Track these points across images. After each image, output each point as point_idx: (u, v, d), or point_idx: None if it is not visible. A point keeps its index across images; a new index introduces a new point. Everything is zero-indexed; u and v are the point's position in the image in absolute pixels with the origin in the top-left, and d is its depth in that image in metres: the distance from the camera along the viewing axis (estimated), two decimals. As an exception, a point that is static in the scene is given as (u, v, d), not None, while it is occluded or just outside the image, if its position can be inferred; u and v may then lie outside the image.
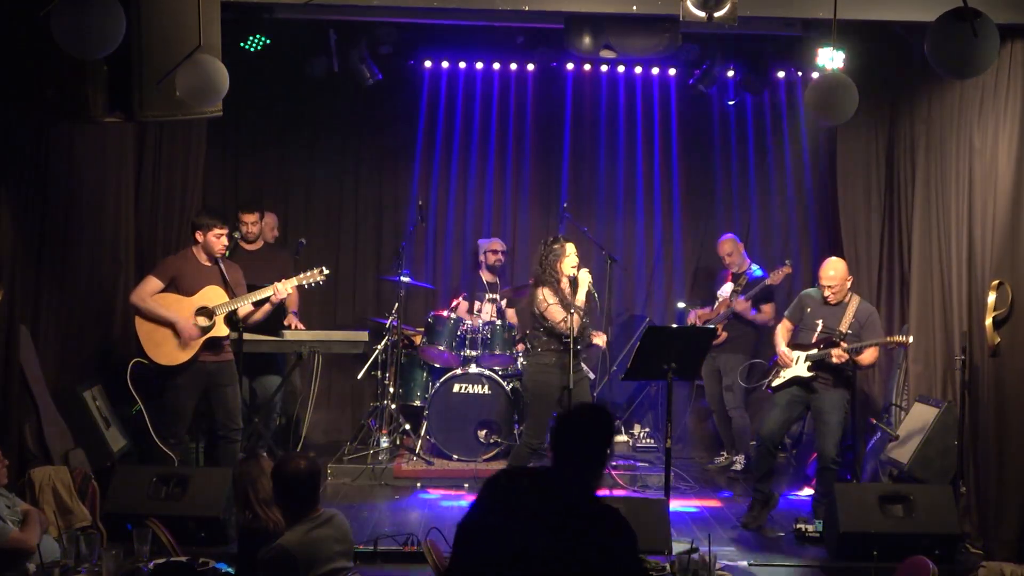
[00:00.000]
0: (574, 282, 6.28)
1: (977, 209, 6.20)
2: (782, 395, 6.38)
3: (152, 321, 6.10)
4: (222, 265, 6.30)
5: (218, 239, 6.22)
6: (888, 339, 6.24)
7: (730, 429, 7.97)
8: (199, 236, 6.22)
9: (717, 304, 7.91)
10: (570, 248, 6.31)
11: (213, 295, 6.19)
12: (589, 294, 6.28)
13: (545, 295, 6.25)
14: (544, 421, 6.34)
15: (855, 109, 4.83)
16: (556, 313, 6.19)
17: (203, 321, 6.15)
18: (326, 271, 6.49)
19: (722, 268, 8.17)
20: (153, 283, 6.16)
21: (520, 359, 7.61)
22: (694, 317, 8.02)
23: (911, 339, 6.36)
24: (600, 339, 6.51)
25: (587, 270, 6.31)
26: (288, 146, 8.69)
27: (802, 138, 8.67)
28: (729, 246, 7.97)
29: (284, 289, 6.29)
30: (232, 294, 6.25)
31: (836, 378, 6.26)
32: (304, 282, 6.43)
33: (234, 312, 6.23)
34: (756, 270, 7.83)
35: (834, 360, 6.13)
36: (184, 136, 7.19)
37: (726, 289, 7.88)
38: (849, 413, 6.44)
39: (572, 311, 6.13)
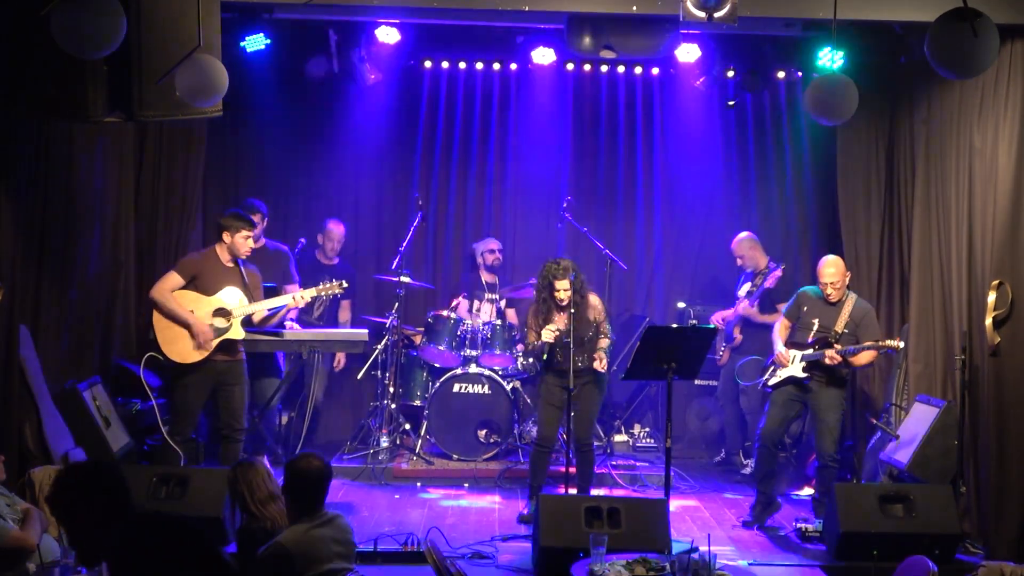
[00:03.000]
0: (563, 306, 6.34)
1: (977, 209, 6.20)
2: (779, 394, 6.38)
3: (169, 318, 6.12)
4: (243, 267, 6.33)
5: (245, 240, 6.27)
6: (880, 343, 6.20)
7: (739, 431, 7.92)
8: (226, 237, 6.25)
9: (737, 304, 7.86)
10: (560, 284, 6.32)
11: (232, 297, 6.22)
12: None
13: (528, 316, 6.55)
14: (541, 418, 6.55)
15: (855, 109, 4.83)
16: (528, 335, 6.52)
17: (220, 322, 6.17)
18: (345, 284, 6.53)
19: (738, 267, 8.10)
20: (174, 279, 6.18)
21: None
22: (717, 318, 7.94)
23: (901, 344, 6.36)
24: (600, 364, 6.47)
25: (550, 328, 6.30)
26: (288, 146, 8.68)
27: (802, 138, 8.67)
28: (741, 247, 7.86)
29: (302, 299, 6.35)
30: (250, 296, 6.27)
31: (831, 376, 6.26)
32: (322, 293, 6.48)
33: (250, 315, 6.27)
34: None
35: (827, 362, 6.13)
36: (184, 136, 7.19)
37: (744, 289, 7.83)
38: (847, 411, 6.43)
39: (528, 340, 6.45)
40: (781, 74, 8.23)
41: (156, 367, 6.33)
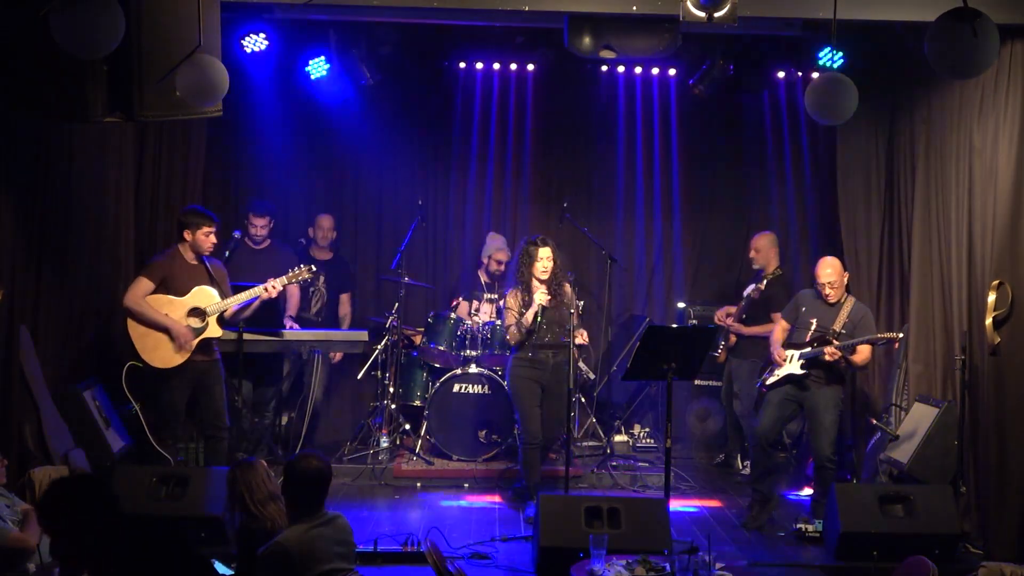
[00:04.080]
0: (543, 280, 6.28)
1: (977, 209, 6.20)
2: (775, 393, 6.38)
3: (146, 325, 6.09)
4: (208, 264, 6.29)
5: (207, 237, 6.20)
6: (879, 335, 6.21)
7: (738, 433, 7.91)
8: (187, 235, 6.20)
9: (727, 318, 7.84)
10: (542, 252, 6.29)
11: (203, 295, 6.18)
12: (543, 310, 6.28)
13: (508, 298, 6.43)
14: (527, 415, 6.47)
15: (855, 109, 4.83)
16: (507, 317, 6.38)
17: (195, 322, 6.14)
18: (314, 268, 6.50)
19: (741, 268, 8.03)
20: (145, 284, 6.13)
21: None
22: (722, 313, 7.91)
23: (901, 335, 6.37)
24: (581, 337, 6.45)
25: (543, 291, 6.29)
26: (287, 146, 8.68)
27: (802, 138, 8.66)
28: (758, 242, 7.74)
29: (273, 289, 6.29)
30: (221, 292, 6.23)
31: (828, 376, 6.26)
32: (293, 280, 6.42)
33: (223, 312, 6.24)
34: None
35: (826, 358, 6.13)
36: (184, 136, 7.19)
37: (750, 288, 7.81)
38: (844, 411, 6.42)
39: (515, 322, 6.27)
40: (781, 74, 8.23)
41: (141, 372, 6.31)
